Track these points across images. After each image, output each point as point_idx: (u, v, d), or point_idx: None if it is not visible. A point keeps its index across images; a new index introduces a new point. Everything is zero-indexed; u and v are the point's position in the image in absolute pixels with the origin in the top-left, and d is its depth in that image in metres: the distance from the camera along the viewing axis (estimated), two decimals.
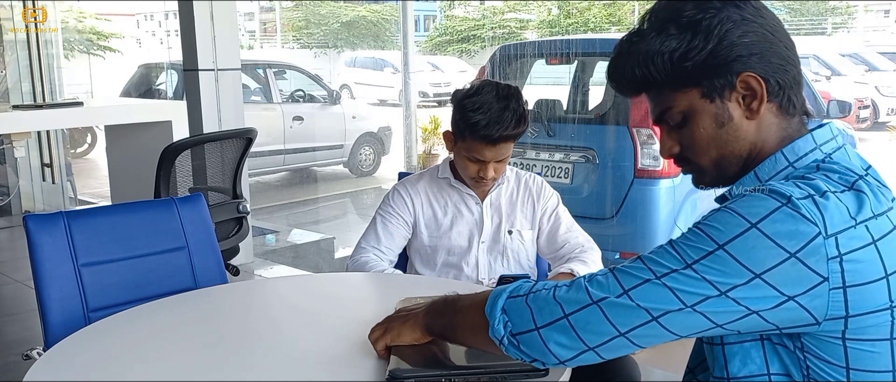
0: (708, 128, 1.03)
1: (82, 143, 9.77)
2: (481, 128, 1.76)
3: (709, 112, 1.02)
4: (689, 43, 0.99)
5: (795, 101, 1.02)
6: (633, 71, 1.04)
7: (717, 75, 1.00)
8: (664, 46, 1.01)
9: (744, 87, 1.00)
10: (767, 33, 1.00)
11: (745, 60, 0.99)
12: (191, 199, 1.94)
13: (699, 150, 1.05)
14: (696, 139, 1.04)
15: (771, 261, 0.88)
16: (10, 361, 3.15)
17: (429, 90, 10.57)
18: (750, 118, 1.01)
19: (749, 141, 1.03)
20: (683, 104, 1.04)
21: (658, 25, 1.02)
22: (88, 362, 1.31)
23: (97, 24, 13.55)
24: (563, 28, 9.44)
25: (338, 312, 1.55)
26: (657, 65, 1.02)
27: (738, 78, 1.00)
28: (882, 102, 6.75)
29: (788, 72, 1.01)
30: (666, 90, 1.04)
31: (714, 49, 0.99)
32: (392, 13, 12.99)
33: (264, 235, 5.40)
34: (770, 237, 0.88)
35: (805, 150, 1.01)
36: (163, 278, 1.82)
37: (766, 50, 1.00)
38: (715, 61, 0.99)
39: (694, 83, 1.02)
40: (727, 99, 1.01)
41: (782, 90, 1.01)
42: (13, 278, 4.35)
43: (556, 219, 1.98)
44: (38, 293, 1.66)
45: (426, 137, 7.63)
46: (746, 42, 0.99)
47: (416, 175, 2.05)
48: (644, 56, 1.02)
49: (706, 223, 0.93)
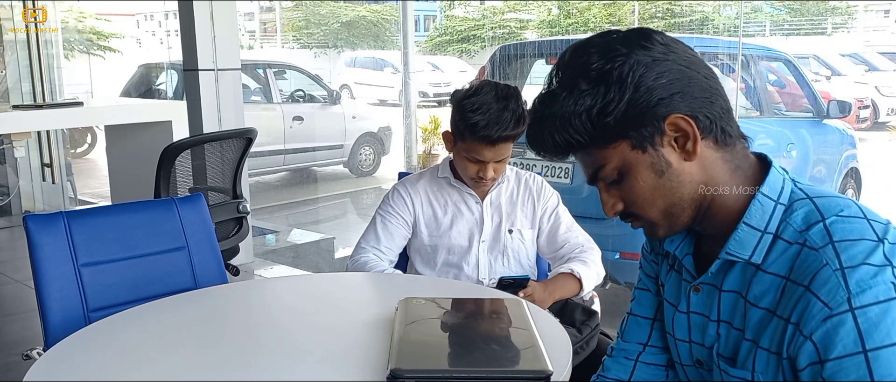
0: (647, 179, 0.97)
1: (82, 143, 9.77)
2: (480, 128, 1.76)
3: (644, 163, 0.97)
4: (604, 97, 0.93)
5: (730, 130, 0.97)
6: (553, 137, 0.98)
7: (642, 124, 0.94)
8: (578, 105, 0.94)
9: (673, 130, 0.95)
10: (683, 68, 0.95)
11: (667, 102, 0.93)
12: (191, 199, 1.94)
13: (644, 204, 1.00)
14: (638, 193, 0.99)
15: None
16: (11, 361, 3.15)
17: (429, 90, 10.58)
18: (688, 160, 0.96)
19: (696, 182, 0.97)
20: (615, 160, 0.98)
21: (567, 83, 0.96)
22: (88, 362, 1.31)
23: (97, 24, 13.56)
24: (563, 28, 9.43)
25: (338, 312, 1.55)
26: (576, 127, 0.95)
27: (664, 122, 0.94)
28: (882, 102, 6.75)
29: (715, 103, 0.96)
30: (593, 149, 0.98)
31: (632, 98, 0.93)
32: (392, 13, 12.99)
33: (264, 235, 5.40)
34: None
35: (780, 184, 0.98)
36: (163, 278, 1.81)
37: (686, 86, 0.94)
38: (636, 110, 0.94)
39: (620, 136, 0.96)
40: (660, 145, 0.96)
41: (713, 123, 0.96)
42: (13, 278, 4.35)
43: (557, 219, 1.98)
44: (38, 293, 1.66)
45: (426, 137, 7.63)
46: (664, 83, 0.93)
47: (415, 175, 2.05)
48: (560, 120, 0.96)
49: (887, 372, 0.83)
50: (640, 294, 1.24)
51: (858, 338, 0.84)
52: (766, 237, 0.96)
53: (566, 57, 0.98)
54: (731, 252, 0.98)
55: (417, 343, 1.26)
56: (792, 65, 4.63)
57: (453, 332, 1.36)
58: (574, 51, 0.98)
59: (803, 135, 4.44)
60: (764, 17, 8.61)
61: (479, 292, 1.70)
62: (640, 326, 1.23)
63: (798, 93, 4.63)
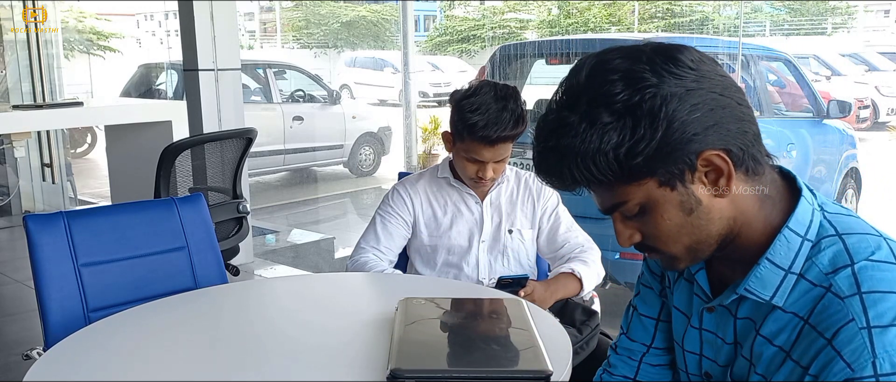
0: (674, 217, 0.90)
1: (82, 143, 9.77)
2: (479, 128, 1.76)
3: (672, 201, 0.89)
4: (633, 133, 0.84)
5: (761, 158, 0.90)
6: (571, 172, 0.88)
7: (673, 162, 0.86)
8: (604, 143, 0.85)
9: (705, 166, 0.87)
10: (717, 96, 0.86)
11: (701, 138, 0.85)
12: (191, 199, 1.94)
13: (668, 240, 0.93)
14: (662, 230, 0.92)
15: None
16: (11, 361, 3.15)
17: (429, 90, 10.58)
18: (720, 196, 0.89)
19: (726, 218, 0.91)
20: (639, 196, 0.90)
21: (587, 114, 0.86)
22: (88, 362, 1.31)
23: (97, 24, 13.55)
24: (563, 28, 9.43)
25: (338, 312, 1.55)
26: (600, 166, 0.86)
27: (698, 158, 0.86)
28: (882, 102, 6.75)
29: (748, 132, 0.88)
30: (616, 185, 0.90)
31: (664, 135, 0.84)
32: (392, 13, 12.99)
33: (264, 235, 5.40)
34: None
35: (808, 218, 0.90)
36: (163, 278, 1.82)
37: (721, 118, 0.86)
38: (668, 148, 0.85)
39: (648, 174, 0.87)
40: (690, 182, 0.88)
41: (745, 154, 0.88)
42: (13, 278, 4.35)
43: (556, 219, 1.98)
44: (38, 293, 1.66)
45: (426, 137, 7.63)
46: (698, 116, 0.84)
47: (415, 175, 2.05)
48: (581, 156, 0.86)
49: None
50: (645, 291, 1.19)
51: None
52: (789, 277, 0.89)
53: (581, 79, 0.89)
54: (751, 289, 0.92)
55: (417, 343, 1.26)
56: (792, 65, 4.63)
57: (453, 332, 1.36)
58: (591, 73, 0.88)
59: (803, 135, 4.44)
60: (764, 17, 8.61)
61: (479, 292, 1.70)
62: (644, 327, 1.19)
63: (798, 93, 4.63)
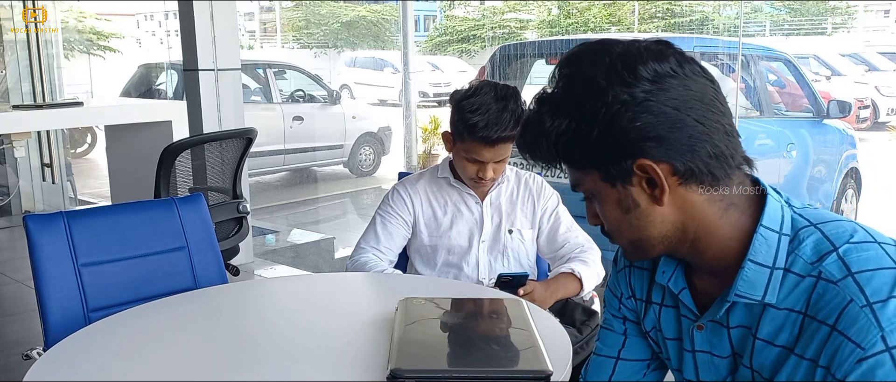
0: (613, 212, 0.94)
1: (82, 143, 9.77)
2: (480, 129, 1.76)
3: (612, 197, 0.93)
4: (578, 126, 0.89)
5: (719, 174, 0.90)
6: (525, 143, 0.96)
7: (611, 162, 0.90)
8: (552, 126, 0.91)
9: (643, 174, 0.89)
10: (670, 110, 0.87)
11: (640, 146, 0.87)
12: (191, 199, 1.94)
13: (613, 231, 0.97)
14: (607, 220, 0.97)
15: None
16: (11, 361, 3.15)
17: (429, 90, 10.58)
18: (657, 204, 0.91)
19: (669, 223, 0.92)
20: (588, 184, 0.95)
21: (557, 98, 0.92)
22: (88, 362, 1.31)
23: (97, 24, 13.56)
24: (563, 28, 9.44)
25: (338, 312, 1.55)
26: (545, 147, 0.93)
27: (634, 165, 0.89)
28: (882, 102, 6.75)
29: (699, 151, 0.88)
30: (569, 167, 0.96)
31: (601, 135, 0.88)
32: (392, 13, 13.00)
33: (264, 235, 5.40)
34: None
35: (779, 215, 0.91)
36: (163, 278, 1.81)
37: (668, 131, 0.87)
38: (604, 147, 0.89)
39: (591, 166, 0.92)
40: (629, 184, 0.91)
41: (696, 170, 0.89)
42: (13, 278, 4.35)
43: (556, 219, 1.98)
44: (38, 293, 1.66)
45: (426, 137, 7.64)
46: (638, 126, 0.87)
47: (415, 175, 2.05)
48: (535, 134, 0.93)
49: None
50: (604, 334, 1.18)
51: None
52: (776, 273, 0.90)
53: (564, 66, 0.93)
54: (742, 293, 0.92)
55: (417, 343, 1.26)
56: (792, 65, 4.63)
57: (453, 332, 1.36)
58: (569, 60, 0.93)
59: (803, 135, 4.44)
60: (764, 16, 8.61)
61: (479, 292, 1.70)
62: (603, 366, 1.18)
63: (798, 93, 4.63)
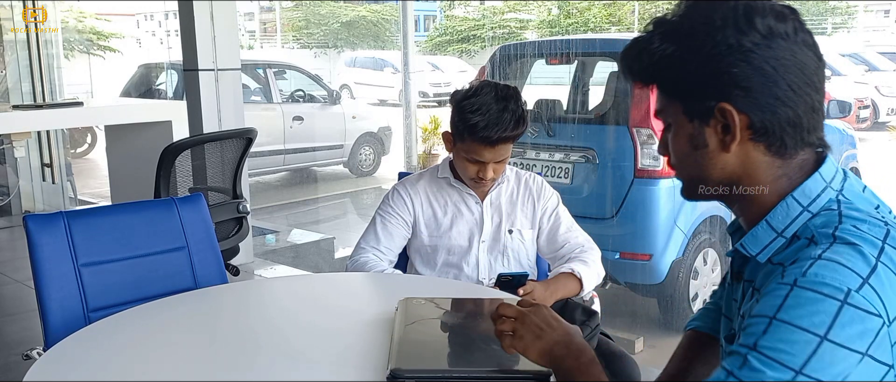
0: (683, 145, 0.99)
1: (82, 143, 9.77)
2: (480, 129, 1.76)
3: (686, 130, 0.98)
4: (681, 54, 0.94)
5: (789, 143, 0.94)
6: (634, 61, 1.00)
7: (696, 97, 0.95)
8: (659, 48, 0.95)
9: (721, 117, 0.94)
10: (767, 68, 0.91)
11: (728, 90, 0.92)
12: (191, 199, 1.94)
13: (677, 162, 1.02)
14: (675, 152, 1.01)
15: (849, 369, 0.83)
16: (11, 361, 3.15)
17: (429, 90, 10.58)
18: (724, 150, 0.96)
19: (727, 172, 0.97)
20: (670, 113, 1.00)
21: (672, 23, 0.96)
22: (88, 362, 1.31)
23: (97, 24, 13.56)
24: (563, 28, 9.44)
25: (337, 312, 1.55)
26: (643, 64, 0.98)
27: (715, 107, 0.93)
28: (882, 102, 6.75)
29: (780, 114, 0.92)
30: (660, 92, 1.00)
31: (698, 69, 0.93)
32: (392, 13, 13.00)
33: (264, 235, 5.40)
34: (843, 345, 0.82)
35: (817, 192, 0.94)
36: (163, 278, 1.81)
37: (759, 86, 0.91)
38: (696, 82, 0.94)
39: (678, 97, 0.97)
40: (706, 124, 0.96)
41: (770, 131, 0.93)
42: (13, 278, 4.35)
43: (557, 219, 1.98)
44: (38, 293, 1.65)
45: (426, 137, 7.63)
46: (733, 72, 0.91)
47: (415, 175, 2.05)
48: (640, 50, 0.98)
49: (770, 347, 0.84)
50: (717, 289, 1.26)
51: (779, 306, 0.85)
52: (779, 239, 0.95)
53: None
54: (743, 245, 0.99)
55: (417, 343, 1.26)
56: None
57: (453, 332, 1.36)
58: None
59: None
60: None
61: (479, 292, 1.70)
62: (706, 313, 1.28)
63: None
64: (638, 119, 3.66)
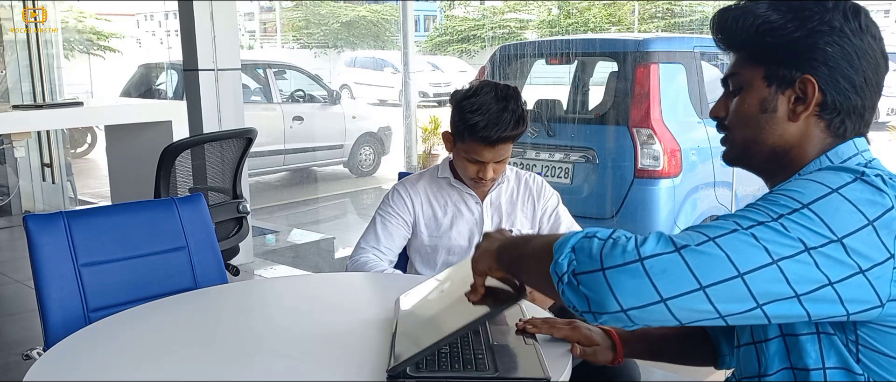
0: (752, 106, 1.05)
1: (82, 143, 9.77)
2: (480, 129, 1.76)
3: (761, 93, 1.04)
4: (784, 23, 1.00)
5: (849, 127, 1.03)
6: (727, 19, 1.06)
7: (784, 65, 1.02)
8: (765, 15, 1.02)
9: (800, 89, 1.01)
10: (853, 56, 1.00)
11: (815, 66, 1.00)
12: (191, 199, 1.94)
13: (737, 123, 1.08)
14: (739, 111, 1.07)
15: (852, 226, 0.87)
16: (11, 361, 3.15)
17: (429, 90, 10.58)
18: (791, 120, 1.03)
19: (785, 140, 1.04)
20: (747, 75, 1.06)
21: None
22: (88, 362, 1.31)
23: (97, 23, 13.55)
24: (563, 28, 9.44)
25: (337, 312, 1.55)
26: (745, 26, 1.03)
27: (799, 78, 1.01)
28: (882, 102, 6.74)
29: (851, 100, 1.01)
30: (742, 54, 1.07)
31: (797, 40, 1.00)
32: (392, 13, 12.99)
33: (264, 235, 5.40)
34: (852, 201, 0.89)
35: (848, 154, 1.03)
36: (163, 278, 1.81)
37: (842, 69, 1.00)
38: (790, 51, 1.01)
39: (764, 62, 1.03)
40: (781, 92, 1.03)
41: (837, 112, 1.01)
42: (13, 278, 4.35)
43: (557, 219, 1.98)
44: (38, 293, 1.66)
45: (426, 137, 7.64)
46: (827, 51, 0.99)
47: (415, 175, 2.05)
48: (743, 11, 1.04)
49: (783, 190, 0.92)
50: None
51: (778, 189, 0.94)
52: None
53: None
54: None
55: (412, 333, 1.26)
56: None
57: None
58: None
59: None
60: None
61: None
62: None
63: None
64: (638, 119, 3.66)
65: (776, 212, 0.89)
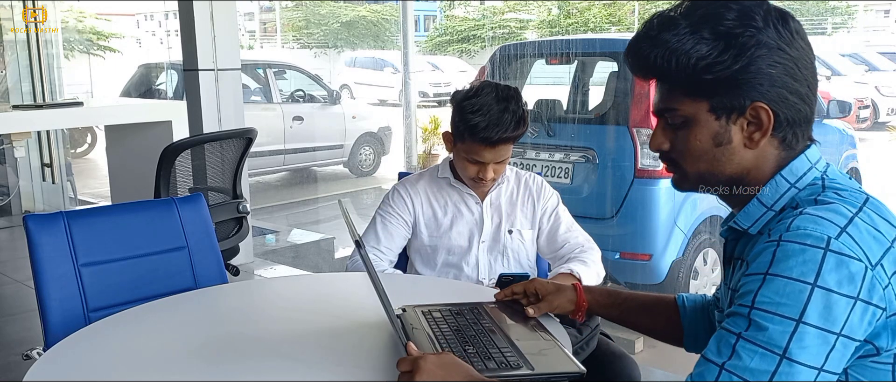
0: (704, 142, 1.01)
1: (82, 143, 9.77)
2: (480, 130, 1.76)
3: (710, 128, 1.00)
4: (719, 55, 0.96)
5: (800, 136, 1.01)
6: (655, 59, 1.00)
7: (732, 96, 0.98)
8: (693, 49, 0.97)
9: (752, 116, 0.98)
10: (795, 69, 0.97)
11: (764, 91, 0.97)
12: (191, 199, 1.94)
13: (689, 159, 1.04)
14: (690, 148, 1.03)
15: (844, 314, 0.87)
16: (11, 361, 3.15)
17: (429, 90, 10.57)
18: (748, 147, 1.00)
19: (743, 166, 1.02)
20: (689, 110, 1.01)
21: (695, 22, 0.97)
22: (89, 362, 1.31)
23: (97, 23, 13.55)
24: (563, 28, 9.44)
25: (338, 312, 1.55)
26: (679, 65, 0.98)
27: (750, 105, 0.98)
28: (882, 102, 6.74)
29: (801, 111, 0.99)
30: (677, 90, 1.02)
31: (740, 70, 0.96)
32: (392, 13, 12.99)
33: (264, 235, 5.40)
34: (834, 290, 0.87)
35: (803, 170, 1.01)
36: (163, 278, 1.81)
37: (788, 85, 0.97)
38: (735, 82, 0.97)
39: (707, 95, 0.99)
40: (733, 122, 0.99)
41: (789, 126, 0.99)
42: (13, 278, 4.35)
43: (556, 219, 1.98)
44: (38, 293, 1.66)
45: (426, 137, 7.63)
46: (772, 73, 0.96)
47: (415, 175, 2.05)
48: (669, 50, 0.98)
49: (767, 301, 0.89)
50: None
51: (769, 263, 0.90)
52: (769, 213, 1.01)
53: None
54: (737, 221, 1.04)
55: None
56: None
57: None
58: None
59: None
60: None
61: (480, 292, 1.70)
62: None
63: None
64: (638, 119, 3.66)
65: (780, 345, 0.87)
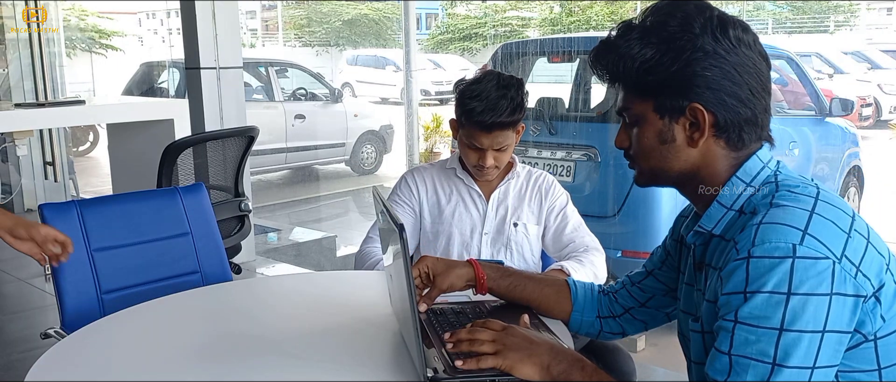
0: (651, 139, 1.09)
1: (84, 142, 9.79)
2: (476, 114, 1.79)
3: (655, 126, 1.08)
4: (660, 58, 1.04)
5: (747, 138, 1.06)
6: (607, 63, 1.09)
7: (670, 96, 1.05)
8: (639, 53, 1.05)
9: (692, 116, 1.05)
10: (733, 73, 1.03)
11: (699, 92, 1.03)
12: (192, 189, 2.06)
13: (640, 155, 1.12)
14: (641, 145, 1.11)
15: (823, 312, 0.91)
16: (14, 359, 3.16)
17: (430, 88, 10.59)
18: (691, 146, 1.07)
19: (690, 164, 1.08)
20: (638, 110, 1.09)
21: (646, 30, 1.06)
22: (89, 362, 1.31)
23: (99, 22, 13.57)
24: (564, 26, 9.44)
25: (340, 311, 1.55)
26: (626, 68, 1.07)
27: (687, 106, 1.04)
28: (884, 100, 6.74)
29: (742, 114, 1.04)
30: (629, 91, 1.10)
31: (676, 72, 1.03)
32: (394, 11, 13.01)
33: (266, 233, 5.40)
34: (809, 293, 0.91)
35: (756, 169, 1.07)
36: (169, 262, 1.94)
37: (725, 88, 1.03)
38: (673, 83, 1.04)
39: (651, 96, 1.07)
40: (675, 121, 1.06)
41: (730, 129, 1.05)
42: (16, 276, 4.35)
43: (564, 218, 1.98)
44: (55, 276, 1.79)
45: (428, 135, 7.64)
46: (707, 76, 1.02)
47: (428, 164, 2.10)
48: (619, 55, 1.07)
49: (751, 315, 0.93)
50: (654, 251, 1.37)
51: (745, 281, 0.94)
52: (730, 213, 1.06)
53: (663, 6, 1.07)
54: (701, 225, 1.09)
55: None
56: (794, 63, 4.62)
57: None
58: (668, 5, 1.07)
59: (806, 133, 4.44)
60: (766, 14, 8.60)
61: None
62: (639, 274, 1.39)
63: (800, 91, 4.63)
64: None
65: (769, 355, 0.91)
